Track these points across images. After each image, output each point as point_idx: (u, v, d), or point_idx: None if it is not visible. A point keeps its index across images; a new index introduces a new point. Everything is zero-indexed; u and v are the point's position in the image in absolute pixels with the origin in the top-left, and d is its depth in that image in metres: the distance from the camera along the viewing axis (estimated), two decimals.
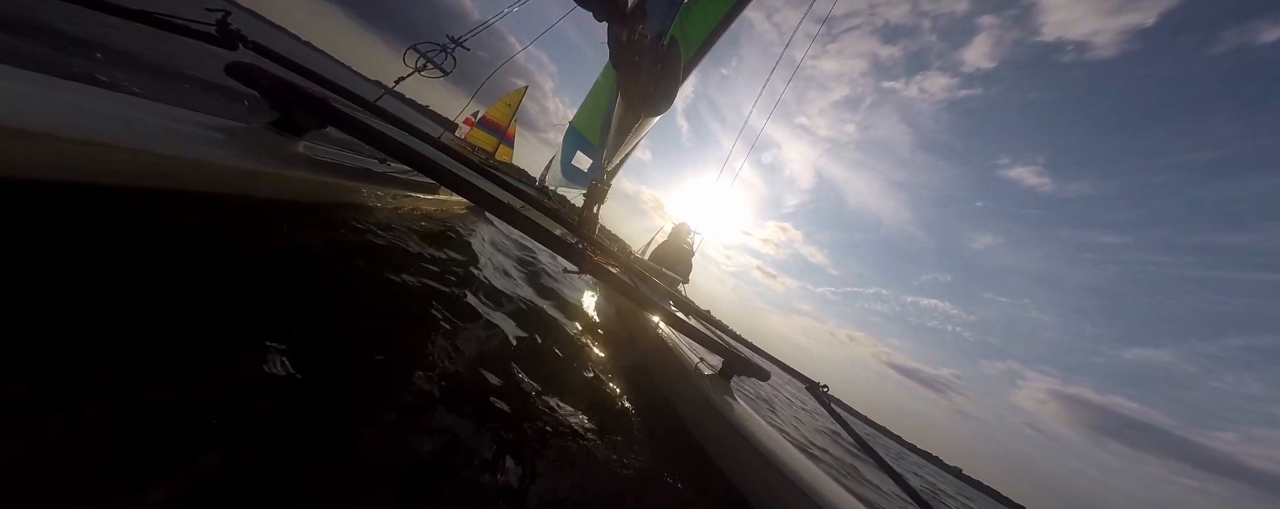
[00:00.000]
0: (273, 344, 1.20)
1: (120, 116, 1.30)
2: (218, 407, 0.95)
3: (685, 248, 5.38)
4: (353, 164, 2.48)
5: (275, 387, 1.09)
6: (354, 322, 1.58)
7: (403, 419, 1.26)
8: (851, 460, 5.28)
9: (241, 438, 0.91)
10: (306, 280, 1.65)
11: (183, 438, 0.84)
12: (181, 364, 0.98)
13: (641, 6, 1.17)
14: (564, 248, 2.01)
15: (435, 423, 1.33)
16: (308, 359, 1.24)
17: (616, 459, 1.76)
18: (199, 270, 1.31)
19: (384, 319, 1.72)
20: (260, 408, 1.00)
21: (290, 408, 1.06)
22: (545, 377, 2.08)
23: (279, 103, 1.84)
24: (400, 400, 1.33)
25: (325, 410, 1.12)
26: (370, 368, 1.39)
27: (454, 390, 1.53)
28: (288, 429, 1.00)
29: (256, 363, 1.12)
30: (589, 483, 1.51)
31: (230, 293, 1.30)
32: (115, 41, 3.48)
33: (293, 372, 1.16)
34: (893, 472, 1.97)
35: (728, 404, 2.28)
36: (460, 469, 1.21)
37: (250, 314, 1.27)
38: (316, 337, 1.36)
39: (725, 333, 3.24)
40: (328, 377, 1.23)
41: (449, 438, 1.30)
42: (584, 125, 6.23)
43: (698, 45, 3.71)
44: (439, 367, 1.61)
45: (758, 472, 1.87)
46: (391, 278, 2.07)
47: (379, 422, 1.20)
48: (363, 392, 1.27)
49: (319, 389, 1.17)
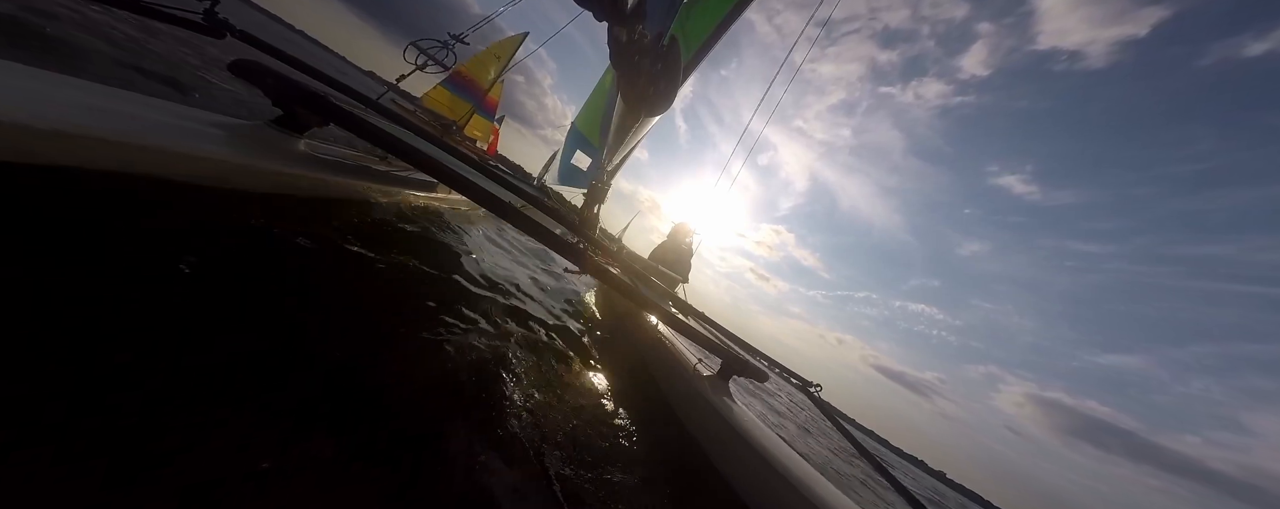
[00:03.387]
0: (272, 342, 1.21)
1: (123, 113, 1.31)
2: (213, 403, 0.95)
3: (685, 248, 5.39)
4: (354, 162, 2.49)
5: (273, 384, 1.09)
6: (352, 319, 1.58)
7: (400, 418, 1.27)
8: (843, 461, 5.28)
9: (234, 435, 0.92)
10: (305, 277, 1.65)
11: (182, 436, 0.85)
12: (180, 363, 0.99)
13: (641, 6, 1.18)
14: (564, 247, 2.01)
15: (431, 421, 1.33)
16: (306, 358, 1.24)
17: (614, 459, 1.76)
18: (199, 268, 1.31)
19: (381, 316, 1.73)
20: (258, 407, 1.01)
21: (288, 406, 1.06)
22: (543, 375, 2.08)
23: (281, 100, 1.85)
24: (398, 399, 1.33)
25: (324, 409, 1.13)
26: (368, 365, 1.39)
27: (450, 388, 1.54)
28: (285, 428, 1.00)
29: (255, 361, 1.12)
30: (586, 482, 1.51)
31: (229, 290, 1.31)
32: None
33: (291, 370, 1.16)
34: (887, 473, 1.98)
35: (726, 405, 2.29)
36: (455, 467, 1.22)
37: (250, 312, 1.28)
38: (315, 334, 1.37)
39: (723, 334, 3.24)
40: (326, 375, 1.24)
41: (445, 436, 1.30)
42: (585, 125, 6.24)
43: (698, 46, 3.72)
44: (436, 364, 1.62)
45: (756, 472, 1.88)
46: (390, 275, 2.08)
47: (374, 420, 1.20)
48: (361, 390, 1.28)
49: (317, 388, 1.17)
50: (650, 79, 1.50)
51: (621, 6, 1.09)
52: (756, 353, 3.36)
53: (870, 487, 4.59)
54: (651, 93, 1.56)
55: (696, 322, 3.04)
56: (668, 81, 1.55)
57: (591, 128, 6.08)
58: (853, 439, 2.17)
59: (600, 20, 1.13)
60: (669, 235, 5.52)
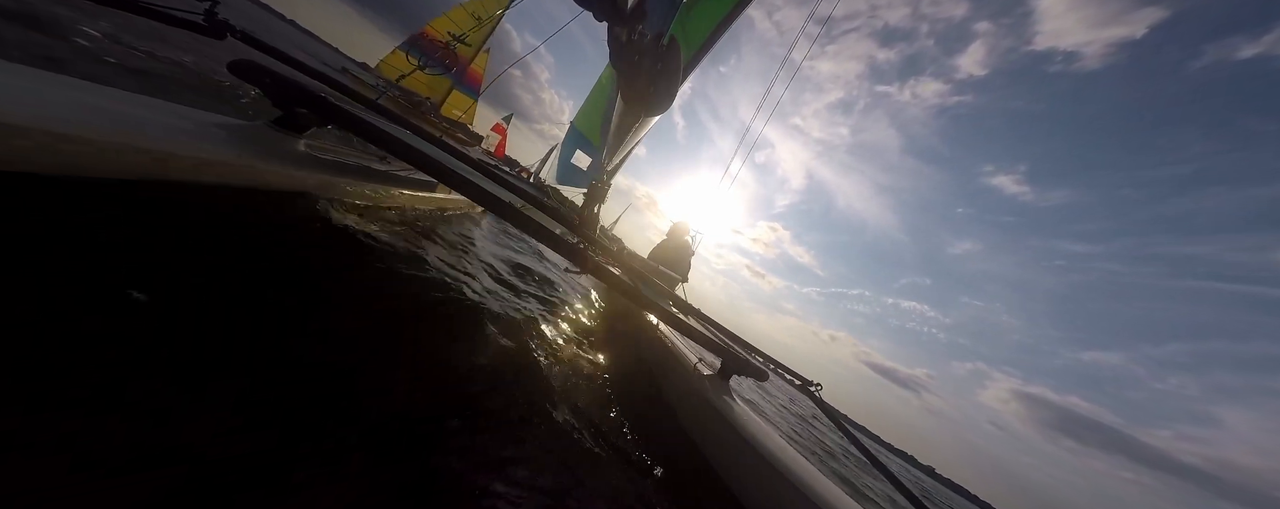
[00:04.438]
0: (271, 340, 1.21)
1: (123, 113, 1.31)
2: (210, 399, 0.95)
3: (684, 247, 5.38)
4: (353, 162, 2.49)
5: (272, 382, 1.09)
6: (351, 319, 1.58)
7: (397, 416, 1.27)
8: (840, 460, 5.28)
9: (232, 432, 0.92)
10: (305, 276, 1.65)
11: (181, 433, 0.85)
12: (178, 360, 0.99)
13: (641, 6, 1.18)
14: (564, 247, 2.01)
15: (429, 420, 1.33)
16: (305, 356, 1.24)
17: (613, 458, 1.76)
18: (198, 266, 1.31)
19: (381, 316, 1.73)
20: (256, 405, 1.01)
21: (286, 404, 1.06)
22: (542, 375, 2.08)
23: (281, 100, 1.85)
24: (394, 397, 1.33)
25: (321, 407, 1.13)
26: (366, 364, 1.39)
27: (449, 387, 1.54)
28: (283, 425, 1.00)
29: (253, 360, 1.12)
30: (585, 482, 1.51)
31: (228, 290, 1.31)
32: None
33: (290, 368, 1.16)
34: (887, 471, 1.98)
35: (727, 404, 2.28)
36: (454, 467, 1.22)
37: (249, 311, 1.28)
38: (314, 333, 1.37)
39: (723, 333, 3.24)
40: (324, 374, 1.24)
41: (442, 436, 1.30)
42: (585, 125, 6.24)
43: (698, 45, 3.72)
44: (434, 363, 1.62)
45: (756, 472, 1.87)
46: (390, 275, 2.08)
47: (370, 418, 1.20)
48: (358, 389, 1.28)
49: (316, 387, 1.17)
50: (650, 79, 1.50)
51: (621, 6, 1.09)
52: (756, 352, 3.36)
53: (871, 488, 4.60)
54: (651, 92, 1.56)
55: (696, 321, 3.04)
56: (668, 81, 1.55)
57: (591, 127, 6.07)
58: (856, 440, 2.17)
59: (600, 20, 1.13)
60: (668, 234, 5.51)
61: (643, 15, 1.19)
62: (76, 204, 1.20)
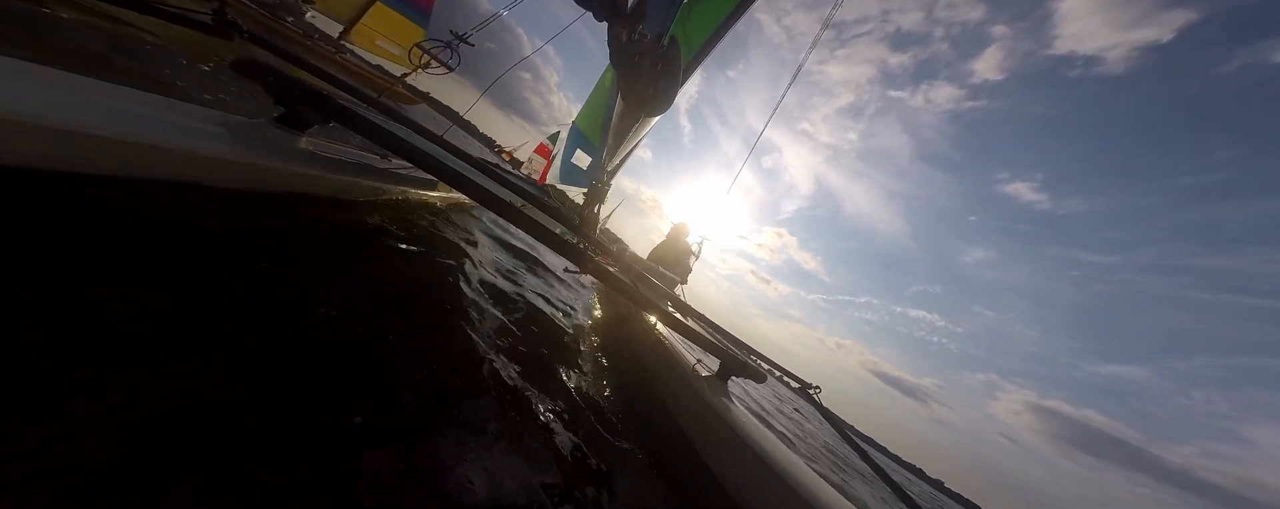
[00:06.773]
0: (270, 340, 1.21)
1: (124, 110, 1.32)
2: (209, 397, 0.96)
3: (684, 248, 5.38)
4: (355, 160, 2.50)
5: (271, 381, 1.10)
6: (350, 318, 1.58)
7: (395, 416, 1.27)
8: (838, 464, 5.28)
9: (230, 429, 0.92)
10: (305, 275, 1.66)
11: (179, 432, 0.85)
12: (177, 359, 1.00)
13: (641, 6, 1.18)
14: (565, 247, 2.02)
15: (427, 420, 1.33)
16: (304, 355, 1.25)
17: (611, 458, 1.76)
18: (198, 265, 1.32)
19: (379, 315, 1.73)
20: (254, 404, 1.02)
21: (285, 403, 1.07)
22: (541, 375, 2.08)
23: (283, 98, 1.86)
24: (392, 396, 1.33)
25: (320, 406, 1.13)
26: (365, 363, 1.40)
27: (446, 387, 1.54)
28: (282, 426, 1.01)
29: (252, 359, 1.13)
30: (582, 482, 1.52)
31: (229, 287, 1.31)
32: None
33: (289, 367, 1.17)
34: (884, 475, 1.98)
35: (725, 406, 2.29)
36: (449, 468, 1.22)
37: (249, 310, 1.28)
38: (313, 331, 1.37)
39: (722, 335, 3.25)
40: (323, 373, 1.24)
41: (439, 436, 1.30)
42: (586, 124, 6.25)
43: (699, 47, 3.72)
44: (432, 362, 1.62)
45: (754, 474, 1.88)
46: (389, 273, 2.09)
47: (366, 417, 1.20)
48: (357, 388, 1.28)
49: (314, 386, 1.18)
50: (650, 79, 1.51)
51: (621, 6, 1.10)
52: (755, 354, 3.36)
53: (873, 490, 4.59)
54: (651, 93, 1.57)
55: (696, 322, 3.05)
56: (667, 82, 1.56)
57: (592, 127, 6.08)
58: (854, 443, 2.17)
59: (600, 20, 1.14)
60: (668, 235, 5.51)
61: (642, 15, 1.20)
62: (76, 201, 1.21)
